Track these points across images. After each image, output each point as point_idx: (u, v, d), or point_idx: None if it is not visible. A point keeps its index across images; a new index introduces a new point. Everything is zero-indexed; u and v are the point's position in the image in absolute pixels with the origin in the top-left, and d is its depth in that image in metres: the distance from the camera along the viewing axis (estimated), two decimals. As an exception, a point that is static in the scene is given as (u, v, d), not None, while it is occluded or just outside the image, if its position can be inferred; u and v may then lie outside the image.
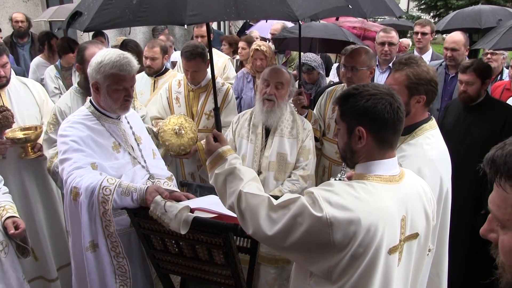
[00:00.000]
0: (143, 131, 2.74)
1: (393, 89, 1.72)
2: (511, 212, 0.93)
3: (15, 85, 3.29)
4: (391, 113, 1.54)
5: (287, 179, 3.01)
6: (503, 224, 0.95)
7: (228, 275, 2.26)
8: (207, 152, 1.96)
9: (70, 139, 2.34)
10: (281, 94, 2.95)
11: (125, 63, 2.31)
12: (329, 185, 1.57)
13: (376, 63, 3.32)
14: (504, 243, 0.96)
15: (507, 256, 0.96)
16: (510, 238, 0.94)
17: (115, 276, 2.33)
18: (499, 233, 0.97)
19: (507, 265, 0.96)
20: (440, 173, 2.13)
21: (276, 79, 2.94)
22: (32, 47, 6.11)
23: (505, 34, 3.36)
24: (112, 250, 2.30)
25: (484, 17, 5.40)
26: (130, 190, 2.21)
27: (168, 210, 2.08)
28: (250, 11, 2.17)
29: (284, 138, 3.01)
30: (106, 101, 2.39)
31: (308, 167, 3.02)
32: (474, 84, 3.31)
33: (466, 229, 3.09)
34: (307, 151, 3.04)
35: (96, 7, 2.14)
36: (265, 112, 2.95)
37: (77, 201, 2.23)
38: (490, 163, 0.96)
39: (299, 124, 3.07)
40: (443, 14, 14.37)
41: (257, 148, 3.03)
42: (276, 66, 3.16)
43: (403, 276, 1.65)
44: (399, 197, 1.56)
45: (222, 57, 5.29)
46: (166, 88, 3.82)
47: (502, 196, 0.94)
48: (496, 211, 0.97)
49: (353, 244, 1.45)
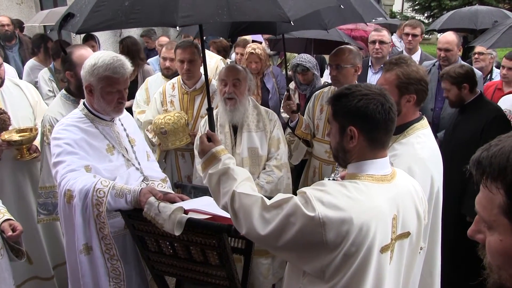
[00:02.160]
0: (137, 133, 2.74)
1: (385, 89, 1.74)
2: (497, 214, 0.92)
3: (8, 86, 3.30)
4: (382, 113, 1.56)
5: (262, 171, 3.07)
6: (490, 225, 0.96)
7: (223, 276, 2.27)
8: (200, 152, 1.97)
9: (63, 142, 2.33)
10: (240, 90, 2.99)
11: (119, 65, 2.31)
12: (322, 185, 1.58)
13: (361, 62, 3.37)
14: (490, 244, 0.96)
15: (493, 257, 0.96)
16: (496, 239, 0.94)
17: (109, 279, 2.33)
18: (486, 234, 0.97)
19: (494, 266, 0.97)
20: (431, 172, 2.15)
21: (233, 77, 2.98)
22: (21, 48, 6.10)
23: (505, 33, 3.39)
24: (106, 252, 2.29)
25: (481, 18, 5.46)
26: (124, 192, 2.21)
27: (162, 211, 2.09)
28: (243, 12, 2.16)
29: (252, 133, 3.06)
30: (99, 103, 2.39)
31: (280, 156, 3.09)
32: (450, 90, 3.43)
33: (452, 229, 3.08)
34: (277, 140, 3.10)
35: (89, 8, 2.13)
36: (229, 111, 3.00)
37: (71, 203, 2.23)
38: (476, 165, 0.96)
39: (264, 116, 3.12)
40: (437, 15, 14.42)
41: (228, 147, 3.05)
42: (231, 65, 3.23)
43: (395, 275, 1.66)
44: (391, 196, 1.57)
45: (214, 58, 5.28)
46: (160, 92, 3.80)
47: (488, 197, 0.94)
48: (482, 212, 0.97)
49: (345, 243, 1.46)
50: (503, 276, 0.95)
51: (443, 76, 3.46)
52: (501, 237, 0.93)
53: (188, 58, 3.56)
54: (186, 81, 3.69)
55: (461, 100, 3.43)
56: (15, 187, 3.25)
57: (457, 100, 3.44)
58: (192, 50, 3.57)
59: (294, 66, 4.44)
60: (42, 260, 3.38)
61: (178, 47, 3.63)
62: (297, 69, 4.43)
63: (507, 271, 0.94)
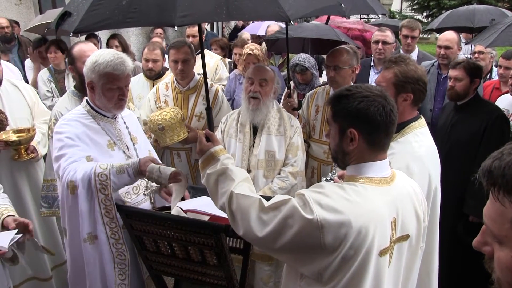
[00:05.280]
0: (139, 131, 2.77)
1: (382, 86, 1.72)
2: (508, 228, 0.86)
3: (6, 87, 3.29)
4: (383, 116, 1.54)
5: (277, 176, 3.02)
6: (500, 240, 0.89)
7: (221, 276, 2.26)
8: (199, 151, 1.96)
9: (65, 136, 2.37)
10: (265, 91, 2.96)
11: (119, 62, 2.34)
12: (320, 187, 1.57)
13: (358, 62, 3.37)
14: (500, 260, 0.89)
15: (504, 273, 0.88)
16: (506, 255, 0.87)
17: (114, 265, 2.35)
18: (495, 248, 0.91)
19: (504, 282, 0.90)
20: (428, 170, 2.14)
21: (260, 77, 2.95)
22: (20, 49, 6.10)
23: (503, 32, 3.38)
24: (112, 237, 2.32)
25: (478, 16, 5.44)
26: (124, 167, 2.29)
27: (163, 172, 2.26)
28: (242, 12, 2.16)
29: (272, 136, 3.02)
30: (101, 100, 2.43)
31: (297, 164, 3.04)
32: (462, 80, 3.31)
33: (447, 232, 3.06)
34: (296, 147, 3.05)
35: (86, 7, 2.12)
36: (251, 110, 2.97)
37: (76, 194, 2.26)
38: (487, 175, 0.89)
39: (286, 121, 3.08)
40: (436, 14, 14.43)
41: (246, 147, 3.03)
42: (259, 64, 3.17)
43: (394, 277, 1.65)
44: (390, 199, 1.56)
45: (214, 58, 5.27)
46: (154, 92, 3.79)
47: (499, 210, 0.87)
48: (491, 225, 0.91)
49: (343, 246, 1.45)
50: None
51: (459, 64, 3.33)
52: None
53: (182, 58, 3.54)
54: (180, 81, 3.68)
55: (464, 94, 3.35)
56: (13, 187, 3.25)
57: (463, 93, 3.34)
58: (186, 50, 3.55)
59: (292, 66, 4.43)
60: (40, 261, 3.38)
61: (172, 47, 3.61)
62: (295, 68, 4.41)
63: None
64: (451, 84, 3.38)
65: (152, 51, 4.20)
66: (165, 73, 4.33)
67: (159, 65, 4.23)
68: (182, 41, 3.68)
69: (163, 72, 4.30)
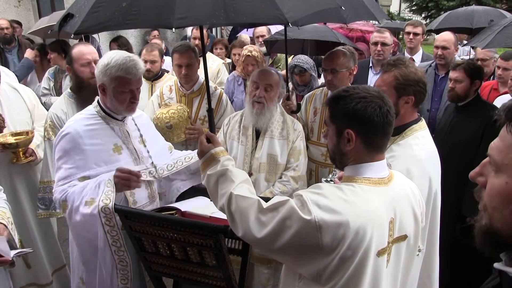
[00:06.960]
0: (150, 132, 2.74)
1: (382, 90, 1.73)
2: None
3: (5, 90, 3.27)
4: (380, 117, 1.55)
5: (278, 180, 3.01)
6: (499, 168, 0.98)
7: (220, 277, 2.26)
8: (200, 153, 1.97)
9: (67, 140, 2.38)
10: (270, 96, 2.95)
11: (131, 65, 2.32)
12: (318, 187, 1.58)
13: (355, 64, 3.37)
14: (493, 186, 0.99)
15: (492, 198, 0.99)
16: (501, 182, 0.97)
17: (116, 271, 2.36)
18: (490, 177, 1.00)
19: (490, 207, 0.99)
20: (429, 173, 2.14)
21: (265, 81, 2.94)
22: (19, 50, 6.11)
23: (499, 33, 3.39)
24: (113, 245, 2.31)
25: (476, 17, 5.46)
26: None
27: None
28: (240, 14, 2.15)
29: (275, 140, 3.01)
30: (112, 103, 2.42)
31: (298, 168, 3.03)
32: (462, 82, 3.32)
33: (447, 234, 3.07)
34: (298, 152, 3.04)
35: (87, 9, 2.13)
36: (255, 114, 2.96)
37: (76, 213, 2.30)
38: (507, 111, 1.00)
39: (289, 125, 3.07)
40: (434, 15, 14.49)
41: (248, 150, 3.03)
42: (265, 68, 3.15)
43: (392, 278, 1.65)
44: (388, 199, 1.57)
45: (217, 61, 5.28)
46: (157, 95, 3.78)
47: (509, 142, 0.98)
48: (496, 155, 1.00)
49: (341, 247, 1.46)
50: (495, 217, 0.98)
51: (459, 65, 3.34)
52: (507, 180, 0.96)
53: (186, 63, 3.54)
54: (184, 84, 3.68)
55: (465, 96, 3.36)
56: (11, 190, 3.23)
57: (463, 94, 3.34)
58: (189, 55, 3.55)
59: (291, 67, 4.44)
60: (40, 266, 3.37)
61: (176, 52, 3.60)
62: (294, 70, 4.42)
63: (501, 212, 0.97)
64: (451, 86, 3.39)
65: (150, 52, 4.21)
66: (163, 74, 4.34)
67: (157, 66, 4.24)
68: (186, 45, 3.66)
69: (161, 73, 4.31)
